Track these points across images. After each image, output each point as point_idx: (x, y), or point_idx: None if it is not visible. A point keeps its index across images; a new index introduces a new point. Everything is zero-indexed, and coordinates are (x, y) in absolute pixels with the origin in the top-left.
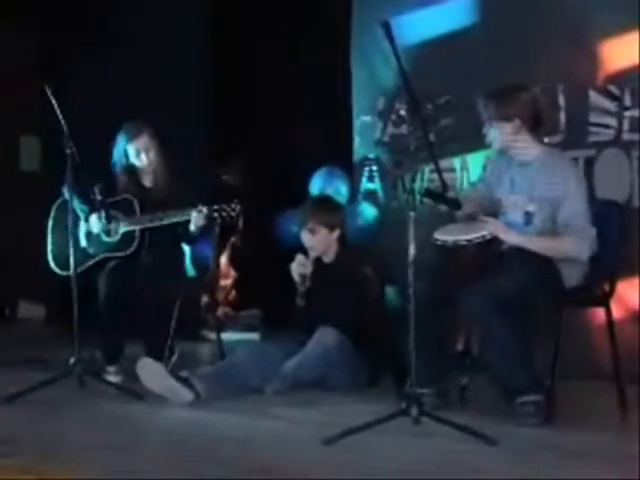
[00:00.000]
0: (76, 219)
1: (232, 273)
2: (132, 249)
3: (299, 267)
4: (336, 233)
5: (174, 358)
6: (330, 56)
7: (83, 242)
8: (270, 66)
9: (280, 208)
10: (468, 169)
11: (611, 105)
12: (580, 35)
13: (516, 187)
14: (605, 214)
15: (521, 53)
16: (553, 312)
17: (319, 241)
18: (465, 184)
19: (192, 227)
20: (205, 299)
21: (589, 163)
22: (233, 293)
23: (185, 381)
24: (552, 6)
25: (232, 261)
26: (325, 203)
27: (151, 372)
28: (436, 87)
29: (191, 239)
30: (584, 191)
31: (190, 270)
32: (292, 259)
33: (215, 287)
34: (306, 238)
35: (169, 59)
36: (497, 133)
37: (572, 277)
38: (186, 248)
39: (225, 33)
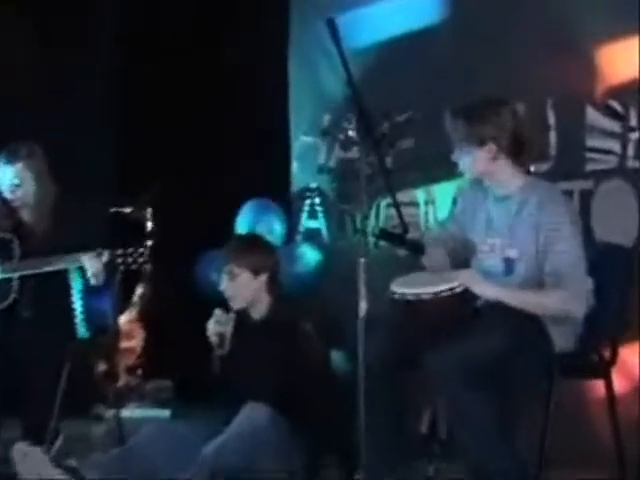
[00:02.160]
0: None
1: (138, 333)
2: (8, 302)
3: (216, 325)
4: (262, 278)
5: (59, 442)
6: (262, 61)
7: None
8: (188, 76)
9: (200, 251)
10: (434, 203)
11: (613, 125)
12: (574, 39)
13: (494, 227)
14: (605, 261)
15: (501, 59)
16: (540, 383)
17: (240, 288)
18: (430, 222)
19: (88, 275)
20: (101, 366)
21: (586, 197)
22: (138, 359)
23: (73, 471)
24: (540, 3)
25: (138, 318)
26: (250, 242)
27: (29, 459)
28: (395, 101)
29: (85, 290)
30: (579, 232)
31: (83, 329)
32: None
33: (115, 351)
34: (224, 284)
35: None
36: (470, 159)
37: (563, 340)
38: (78, 301)
39: (134, 44)
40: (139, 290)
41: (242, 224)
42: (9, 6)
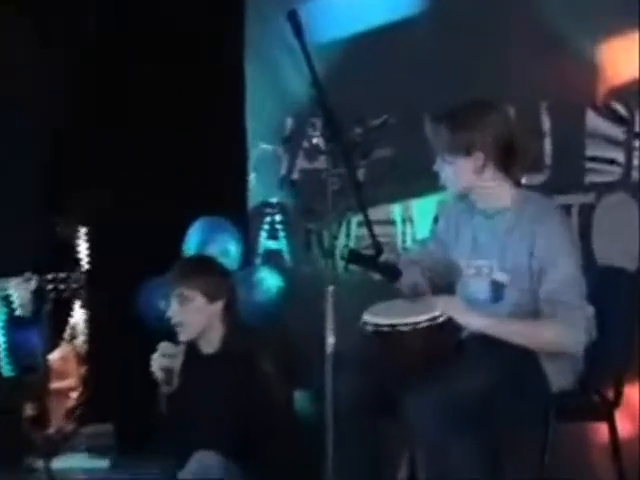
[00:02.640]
0: None
1: (72, 371)
2: None
3: (162, 359)
4: (218, 305)
5: None
6: (215, 60)
7: None
8: (131, 76)
9: (142, 276)
10: (412, 221)
11: (616, 131)
12: (571, 34)
13: (481, 247)
14: (607, 287)
15: (489, 57)
16: (534, 427)
17: (192, 315)
18: (408, 242)
19: (13, 304)
20: (30, 409)
21: (586, 213)
22: (73, 400)
23: None
24: None
25: (72, 354)
26: (204, 263)
27: None
28: (368, 103)
29: (11, 321)
30: (577, 253)
31: (7, 367)
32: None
33: (45, 392)
34: (174, 309)
35: None
36: (454, 171)
37: (561, 378)
38: (1, 334)
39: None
40: (73, 321)
41: (191, 245)
42: None
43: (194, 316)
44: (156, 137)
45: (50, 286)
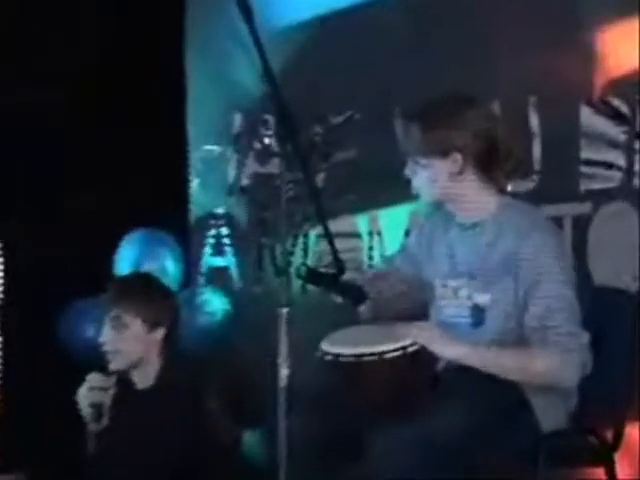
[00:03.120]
0: None
1: None
2: None
3: (91, 392)
4: (159, 333)
5: None
6: (151, 49)
7: None
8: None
9: (66, 298)
10: (380, 234)
11: (616, 130)
12: (563, 19)
13: (459, 264)
14: (606, 310)
15: (469, 45)
16: (521, 471)
17: (129, 342)
18: (375, 259)
19: None
20: None
21: (580, 225)
22: None
23: None
24: None
25: None
26: (144, 283)
27: None
28: (329, 98)
29: None
30: (570, 272)
31: None
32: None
33: None
34: (107, 335)
35: None
36: (428, 175)
37: (551, 416)
38: None
39: None
40: None
41: (124, 262)
42: None
43: (131, 344)
44: (84, 139)
45: None
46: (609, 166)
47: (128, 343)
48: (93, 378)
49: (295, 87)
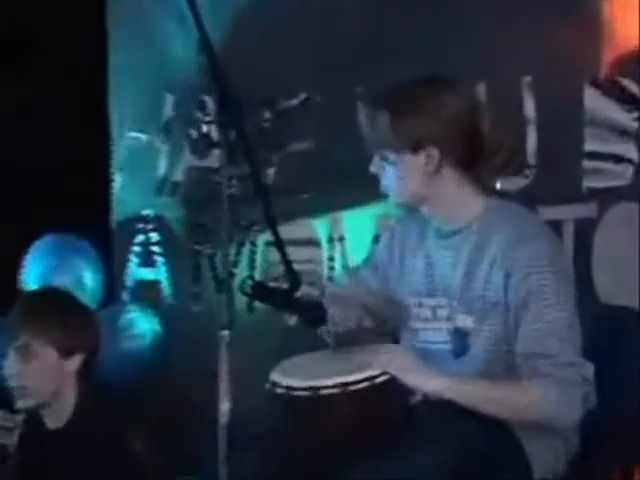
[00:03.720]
0: None
1: None
2: None
3: None
4: (75, 362)
5: None
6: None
7: None
8: None
9: None
10: (343, 241)
11: (625, 117)
12: None
13: (437, 279)
14: (613, 334)
15: (449, 18)
16: None
17: (39, 375)
18: (337, 271)
19: None
20: None
21: (583, 231)
22: None
23: None
24: None
25: None
26: (57, 301)
27: None
28: (282, 78)
29: None
30: (570, 289)
31: None
32: None
33: None
34: (13, 367)
35: None
36: (397, 173)
37: (547, 460)
38: None
39: None
40: None
41: (31, 275)
42: None
43: (42, 377)
44: None
45: None
46: (618, 160)
47: (38, 376)
48: None
49: (239, 63)
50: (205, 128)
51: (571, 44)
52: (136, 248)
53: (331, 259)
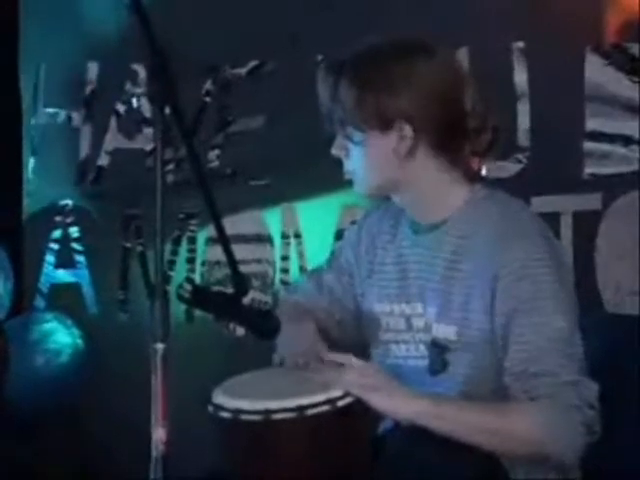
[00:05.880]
0: None
1: None
2: None
3: None
4: None
5: None
6: None
7: None
8: None
9: None
10: (300, 237)
11: (633, 90)
12: None
13: (412, 282)
14: (621, 348)
15: None
16: None
17: None
18: (292, 273)
19: None
20: None
21: (585, 225)
22: None
23: None
24: None
25: None
26: None
27: None
28: (227, 42)
29: None
30: (569, 295)
31: None
32: None
33: None
34: None
35: None
36: (363, 156)
37: None
38: None
39: None
40: None
41: None
42: None
43: None
44: None
45: None
46: (625, 141)
47: None
48: None
49: (177, 25)
50: (135, 102)
51: (570, 4)
52: (52, 245)
53: (284, 259)
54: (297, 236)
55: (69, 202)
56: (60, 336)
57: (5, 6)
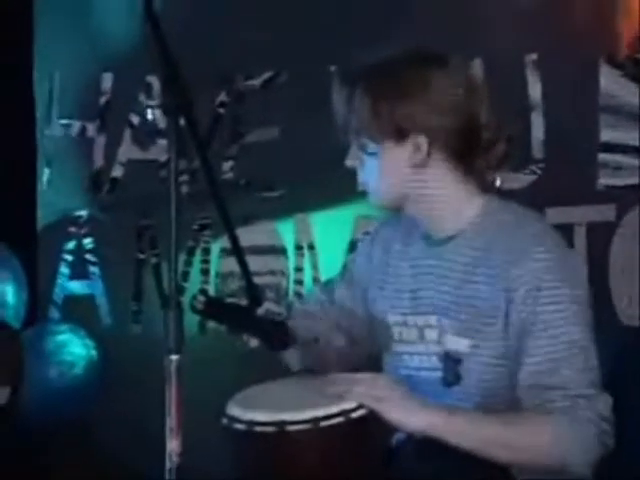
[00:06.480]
0: None
1: None
2: None
3: None
4: (3, 395)
5: None
6: None
7: None
8: None
9: None
10: (313, 248)
11: None
12: None
13: (425, 294)
14: (637, 360)
15: None
16: None
17: None
18: (306, 284)
19: None
20: None
21: (599, 237)
22: None
23: None
24: None
25: None
26: None
27: None
28: (242, 53)
29: None
30: (584, 307)
31: None
32: None
33: None
34: None
35: None
36: (378, 167)
37: None
38: None
39: None
40: None
41: None
42: None
43: None
44: None
45: None
46: (639, 152)
47: None
48: None
49: (191, 36)
50: (150, 114)
51: (584, 15)
52: (66, 256)
53: (298, 270)
54: (311, 247)
55: (83, 213)
56: (74, 347)
57: (20, 17)
